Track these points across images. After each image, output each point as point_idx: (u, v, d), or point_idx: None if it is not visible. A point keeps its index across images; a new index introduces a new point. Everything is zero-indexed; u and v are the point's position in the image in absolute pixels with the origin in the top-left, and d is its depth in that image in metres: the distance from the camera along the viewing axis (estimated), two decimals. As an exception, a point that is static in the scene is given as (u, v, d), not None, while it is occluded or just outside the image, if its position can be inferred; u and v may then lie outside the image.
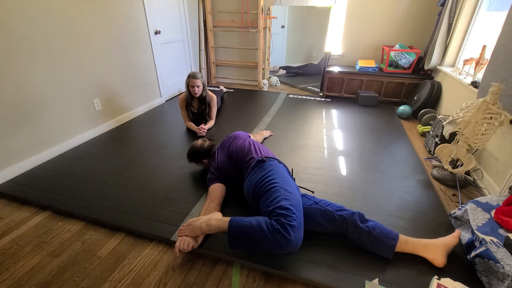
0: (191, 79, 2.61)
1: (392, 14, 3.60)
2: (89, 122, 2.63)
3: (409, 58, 3.45)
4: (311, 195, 1.56)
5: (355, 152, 2.40)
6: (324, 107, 3.50)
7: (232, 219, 1.28)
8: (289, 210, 1.21)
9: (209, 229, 1.33)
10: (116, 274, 1.31)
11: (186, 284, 1.27)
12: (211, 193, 1.68)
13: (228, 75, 4.64)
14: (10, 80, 1.95)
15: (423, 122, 2.90)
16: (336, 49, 4.01)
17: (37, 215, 1.69)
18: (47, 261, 1.38)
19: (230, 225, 1.26)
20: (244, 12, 4.01)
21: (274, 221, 1.19)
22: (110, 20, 2.68)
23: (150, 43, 3.25)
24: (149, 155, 2.31)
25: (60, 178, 2.00)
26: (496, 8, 2.57)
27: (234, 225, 1.26)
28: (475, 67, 2.41)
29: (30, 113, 2.11)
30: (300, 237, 1.20)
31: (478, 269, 1.28)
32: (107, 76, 2.76)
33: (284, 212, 1.21)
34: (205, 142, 1.98)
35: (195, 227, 1.34)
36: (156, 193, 1.84)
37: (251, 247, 1.26)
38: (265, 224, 1.19)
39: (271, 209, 1.25)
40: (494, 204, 1.45)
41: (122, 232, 1.57)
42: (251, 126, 2.91)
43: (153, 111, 3.34)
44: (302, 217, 1.29)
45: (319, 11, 5.15)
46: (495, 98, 1.64)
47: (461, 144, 1.83)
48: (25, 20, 1.99)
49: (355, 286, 1.23)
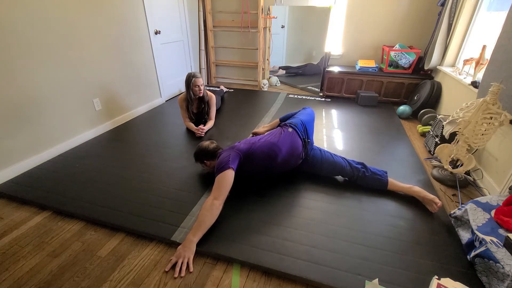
0: (194, 79, 2.61)
1: (392, 14, 3.60)
2: (89, 122, 2.63)
3: (409, 58, 3.45)
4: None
5: (355, 152, 2.40)
6: (324, 107, 3.50)
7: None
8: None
9: (197, 239, 1.41)
10: (116, 274, 1.31)
11: (186, 284, 1.27)
12: (223, 182, 1.57)
13: (228, 75, 4.64)
14: (10, 80, 1.95)
15: (423, 122, 2.90)
16: (336, 49, 4.01)
17: (37, 215, 1.69)
18: (47, 261, 1.38)
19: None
20: (244, 12, 4.01)
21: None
22: (110, 20, 2.68)
23: (150, 43, 3.25)
24: (149, 155, 2.31)
25: (60, 178, 2.00)
26: (496, 8, 2.57)
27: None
28: (475, 67, 2.41)
29: (30, 113, 2.11)
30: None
31: (478, 269, 1.28)
32: (107, 76, 2.76)
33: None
34: (211, 143, 1.98)
35: (187, 250, 1.37)
36: (156, 193, 1.84)
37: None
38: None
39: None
40: (494, 204, 1.45)
41: (122, 232, 1.57)
42: (251, 126, 2.91)
43: (153, 111, 3.34)
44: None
45: (319, 11, 5.15)
46: (495, 98, 1.64)
47: (461, 144, 1.83)
48: (25, 20, 1.99)
49: (355, 286, 1.23)
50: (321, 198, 1.81)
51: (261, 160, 1.80)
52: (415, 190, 1.77)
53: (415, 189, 1.77)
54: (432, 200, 1.67)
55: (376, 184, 1.86)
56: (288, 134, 1.89)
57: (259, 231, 1.53)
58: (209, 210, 1.47)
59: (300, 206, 1.74)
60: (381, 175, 1.87)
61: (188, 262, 1.34)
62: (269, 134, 1.95)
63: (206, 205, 1.49)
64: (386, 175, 1.87)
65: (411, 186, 1.79)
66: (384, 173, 1.89)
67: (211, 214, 1.47)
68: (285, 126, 1.99)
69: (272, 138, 1.86)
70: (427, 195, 1.70)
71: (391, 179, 1.86)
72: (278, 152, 1.80)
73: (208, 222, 1.45)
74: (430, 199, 1.68)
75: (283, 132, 1.91)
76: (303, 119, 2.06)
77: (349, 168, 1.90)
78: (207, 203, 1.50)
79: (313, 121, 2.17)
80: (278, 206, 1.73)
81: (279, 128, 1.99)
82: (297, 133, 1.92)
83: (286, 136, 1.88)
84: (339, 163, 1.92)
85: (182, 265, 1.32)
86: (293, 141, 1.88)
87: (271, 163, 1.82)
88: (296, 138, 1.90)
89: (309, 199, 1.81)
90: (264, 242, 1.46)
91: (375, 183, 1.86)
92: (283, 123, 2.07)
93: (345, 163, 1.92)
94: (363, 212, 1.68)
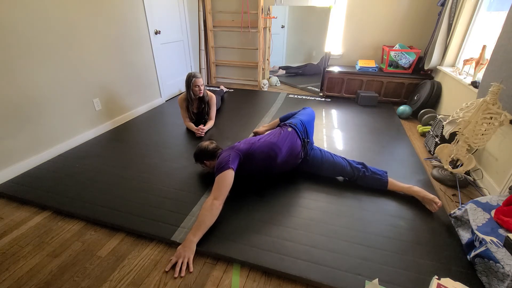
0: (195, 79, 2.61)
1: (392, 14, 3.60)
2: (89, 122, 2.63)
3: (409, 58, 3.45)
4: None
5: (355, 152, 2.40)
6: (324, 107, 3.50)
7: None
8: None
9: (197, 239, 1.41)
10: (116, 274, 1.31)
11: (186, 284, 1.27)
12: (223, 182, 1.56)
13: (228, 75, 4.64)
14: (10, 80, 1.95)
15: (423, 122, 2.90)
16: (336, 49, 4.01)
17: (37, 215, 1.69)
18: (47, 261, 1.38)
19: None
20: (244, 12, 4.01)
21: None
22: (110, 20, 2.68)
23: (150, 43, 3.25)
24: (149, 155, 2.31)
25: (60, 178, 2.00)
26: (496, 8, 2.57)
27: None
28: (475, 67, 2.41)
29: (30, 113, 2.11)
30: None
31: (478, 269, 1.28)
32: (107, 76, 2.76)
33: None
34: (211, 143, 1.98)
35: (187, 250, 1.37)
36: (156, 193, 1.84)
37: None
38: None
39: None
40: (494, 204, 1.45)
41: (122, 232, 1.57)
42: (251, 126, 2.91)
43: (153, 111, 3.34)
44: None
45: (319, 11, 5.15)
46: (495, 98, 1.64)
47: (461, 144, 1.83)
48: (25, 20, 1.99)
49: (355, 286, 1.23)
50: (321, 198, 1.81)
51: (261, 160, 1.80)
52: (415, 190, 1.77)
53: (415, 189, 1.77)
54: (432, 200, 1.67)
55: (376, 184, 1.86)
56: (288, 134, 1.90)
57: (259, 231, 1.53)
58: (209, 210, 1.47)
59: (300, 206, 1.74)
60: (381, 175, 1.87)
61: (188, 262, 1.34)
62: (269, 134, 1.95)
63: (206, 205, 1.49)
64: (386, 175, 1.87)
65: (411, 186, 1.79)
66: (384, 173, 1.89)
67: (211, 214, 1.47)
68: (285, 126, 1.99)
69: (271, 138, 1.86)
70: (427, 195, 1.70)
71: (391, 179, 1.86)
72: (278, 152, 1.80)
73: (208, 222, 1.45)
74: (430, 199, 1.68)
75: (283, 132, 1.92)
76: (302, 119, 2.06)
77: (349, 168, 1.90)
78: (207, 203, 1.50)
79: (313, 121, 2.17)
80: (278, 206, 1.73)
81: (279, 128, 1.99)
82: (297, 133, 1.93)
83: (285, 136, 1.88)
84: (339, 164, 1.92)
85: (182, 265, 1.32)
86: (292, 141, 1.88)
87: (271, 163, 1.82)
88: (296, 138, 1.90)
89: (309, 199, 1.81)
90: (264, 242, 1.46)
91: (375, 183, 1.86)
92: (282, 123, 2.07)
93: (345, 164, 1.92)
94: (363, 212, 1.68)
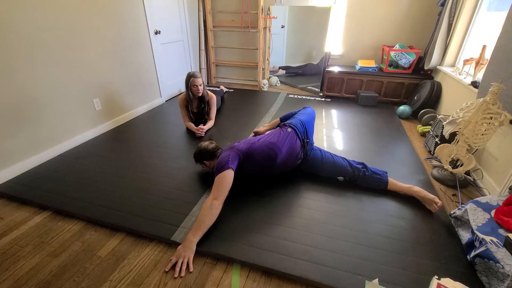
0: (193, 78, 2.61)
1: (392, 14, 3.60)
2: (89, 122, 2.63)
3: (409, 58, 3.45)
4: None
5: (355, 152, 2.40)
6: (324, 107, 3.50)
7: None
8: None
9: (197, 239, 1.41)
10: (116, 274, 1.31)
11: (186, 284, 1.27)
12: (222, 182, 1.56)
13: (228, 75, 4.64)
14: (10, 80, 1.95)
15: (423, 122, 2.90)
16: (336, 49, 4.01)
17: (37, 215, 1.69)
18: (47, 261, 1.38)
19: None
20: (244, 12, 4.01)
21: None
22: (110, 20, 2.68)
23: (150, 43, 3.25)
24: (149, 155, 2.31)
25: (60, 178, 2.00)
26: (496, 8, 2.57)
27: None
28: (475, 67, 2.41)
29: (30, 113, 2.11)
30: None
31: (478, 269, 1.28)
32: (107, 76, 2.76)
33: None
34: (211, 143, 1.98)
35: (187, 250, 1.37)
36: (156, 193, 1.84)
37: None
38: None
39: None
40: (494, 204, 1.45)
41: (122, 232, 1.57)
42: (251, 126, 2.91)
43: (153, 111, 3.34)
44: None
45: (319, 11, 5.14)
46: (495, 98, 1.64)
47: (461, 144, 1.83)
48: (25, 20, 1.99)
49: (355, 286, 1.23)
50: (321, 198, 1.81)
51: (261, 160, 1.80)
52: (415, 190, 1.77)
53: (415, 189, 1.77)
54: (432, 200, 1.67)
55: (376, 184, 1.86)
56: (287, 135, 1.90)
57: (259, 231, 1.53)
58: (209, 210, 1.47)
59: (300, 206, 1.74)
60: (381, 175, 1.87)
61: (188, 262, 1.34)
62: (269, 134, 1.95)
63: (205, 205, 1.49)
64: (386, 175, 1.87)
65: (411, 186, 1.79)
66: (384, 173, 1.89)
67: (211, 214, 1.47)
68: (285, 126, 1.99)
69: (271, 138, 1.86)
70: (427, 195, 1.70)
71: (391, 179, 1.86)
72: (277, 152, 1.80)
73: (208, 222, 1.45)
74: (430, 199, 1.68)
75: (282, 132, 1.92)
76: (303, 119, 2.06)
77: (350, 168, 1.90)
78: (207, 203, 1.50)
79: (314, 120, 2.17)
80: (278, 206, 1.73)
81: (278, 128, 1.99)
82: (296, 133, 1.93)
83: (285, 136, 1.88)
84: (340, 164, 1.92)
85: (182, 265, 1.32)
86: (292, 141, 1.88)
87: (271, 163, 1.82)
88: (295, 138, 1.90)
89: (309, 199, 1.81)
90: (264, 242, 1.46)
91: (375, 183, 1.86)
92: (282, 123, 2.07)
93: (346, 164, 1.92)
94: (363, 212, 1.69)
